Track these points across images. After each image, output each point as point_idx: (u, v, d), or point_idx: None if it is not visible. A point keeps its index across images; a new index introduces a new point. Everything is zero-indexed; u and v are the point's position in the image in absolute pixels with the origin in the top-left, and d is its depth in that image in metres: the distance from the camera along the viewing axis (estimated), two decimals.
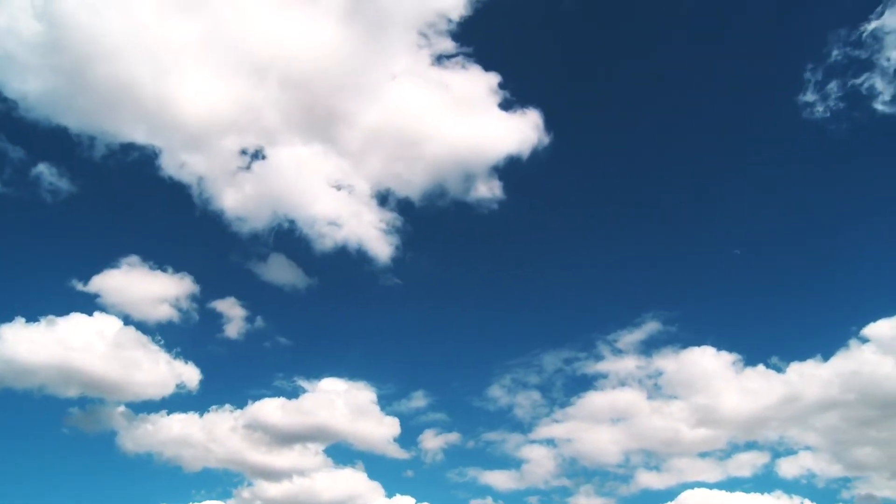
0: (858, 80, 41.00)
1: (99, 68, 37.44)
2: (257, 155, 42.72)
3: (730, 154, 46.50)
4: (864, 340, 40.57)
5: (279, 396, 43.15)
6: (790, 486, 41.54)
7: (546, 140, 43.62)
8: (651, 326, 44.71)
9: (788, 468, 42.45)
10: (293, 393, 43.89)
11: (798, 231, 45.83)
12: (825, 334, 42.90)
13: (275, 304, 44.95)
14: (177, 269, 42.61)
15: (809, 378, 41.22)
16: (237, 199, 43.08)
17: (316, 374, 44.40)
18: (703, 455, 43.49)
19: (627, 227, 48.34)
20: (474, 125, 43.97)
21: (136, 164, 41.59)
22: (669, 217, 47.41)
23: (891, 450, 41.10)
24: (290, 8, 41.17)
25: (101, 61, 37.17)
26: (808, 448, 42.84)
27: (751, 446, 43.07)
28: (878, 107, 40.90)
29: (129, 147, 40.89)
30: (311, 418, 42.43)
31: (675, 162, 47.92)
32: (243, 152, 42.30)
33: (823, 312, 44.41)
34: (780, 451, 42.84)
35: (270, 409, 42.42)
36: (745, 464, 42.80)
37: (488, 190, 44.39)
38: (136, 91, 38.22)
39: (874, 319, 40.06)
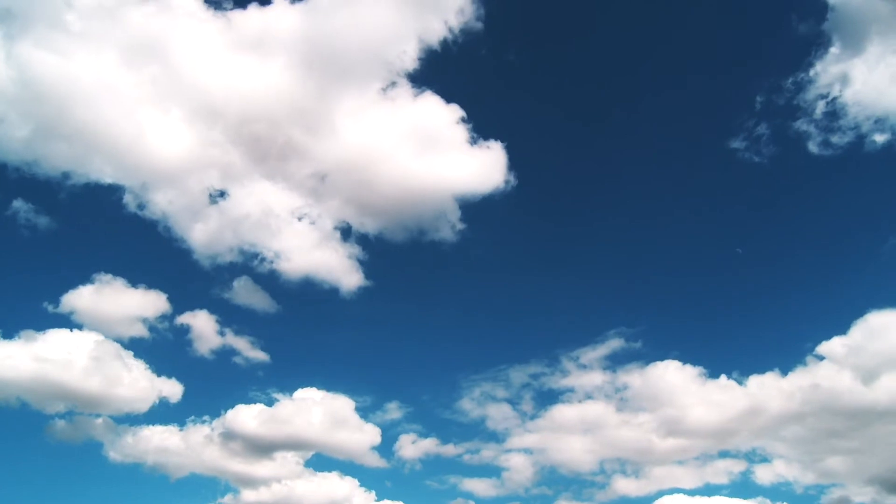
0: (790, 125, 44.10)
1: (67, 112, 38.90)
2: (221, 193, 44.41)
3: (680, 183, 49.65)
4: (821, 357, 42.48)
5: (257, 404, 44.30)
6: (768, 493, 42.95)
7: (506, 170, 45.25)
8: (614, 343, 46.48)
9: (764, 475, 43.77)
10: (270, 403, 45.00)
11: (752, 256, 48.06)
12: (782, 350, 44.87)
13: (246, 324, 45.88)
14: (150, 287, 43.78)
15: (772, 390, 42.69)
16: (204, 233, 44.61)
17: (291, 386, 45.49)
18: (677, 463, 44.91)
19: (587, 251, 50.26)
20: (434, 160, 45.28)
21: (106, 201, 43.36)
22: (629, 240, 49.68)
23: (861, 458, 42.66)
24: (246, 49, 42.24)
25: (69, 106, 38.70)
26: (780, 457, 44.19)
27: (724, 455, 44.42)
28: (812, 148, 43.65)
29: (97, 186, 42.37)
30: (291, 428, 43.54)
31: (631, 188, 50.36)
32: (208, 189, 43.93)
33: (779, 329, 46.42)
34: (755, 459, 44.20)
35: (249, 420, 43.41)
36: (722, 471, 44.14)
37: (448, 223, 45.93)
38: (103, 133, 39.69)
39: (828, 338, 42.15)
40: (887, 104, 42.12)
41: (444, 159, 45.21)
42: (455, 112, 44.93)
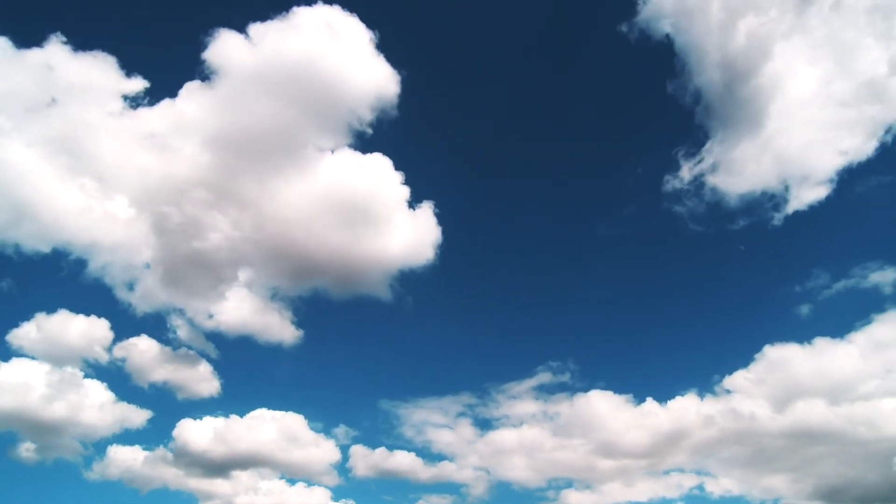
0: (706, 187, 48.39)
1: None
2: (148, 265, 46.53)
3: (595, 240, 54.49)
4: (728, 391, 46.22)
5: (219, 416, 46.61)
6: None
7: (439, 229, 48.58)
8: (543, 377, 50.26)
9: (713, 489, 46.27)
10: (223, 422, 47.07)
11: (661, 300, 53.28)
12: (698, 380, 48.28)
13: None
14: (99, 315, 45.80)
15: (693, 415, 45.97)
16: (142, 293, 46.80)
17: (246, 407, 47.68)
18: (622, 479, 47.73)
19: (513, 298, 55.23)
20: (362, 227, 47.82)
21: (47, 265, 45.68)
22: (552, 285, 54.73)
23: (797, 475, 45.43)
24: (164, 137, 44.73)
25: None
26: (719, 475, 46.86)
27: (668, 472, 47.15)
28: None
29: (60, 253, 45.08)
30: (246, 445, 45.91)
31: (550, 246, 55.41)
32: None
33: (693, 361, 50.42)
34: (703, 474, 46.89)
35: (209, 438, 45.66)
36: (672, 486, 46.76)
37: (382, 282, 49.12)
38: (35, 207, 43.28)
39: (731, 372, 46.13)
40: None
41: (372, 227, 47.84)
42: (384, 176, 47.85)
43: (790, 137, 46.54)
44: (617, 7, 49.51)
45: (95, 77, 43.96)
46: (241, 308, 48.40)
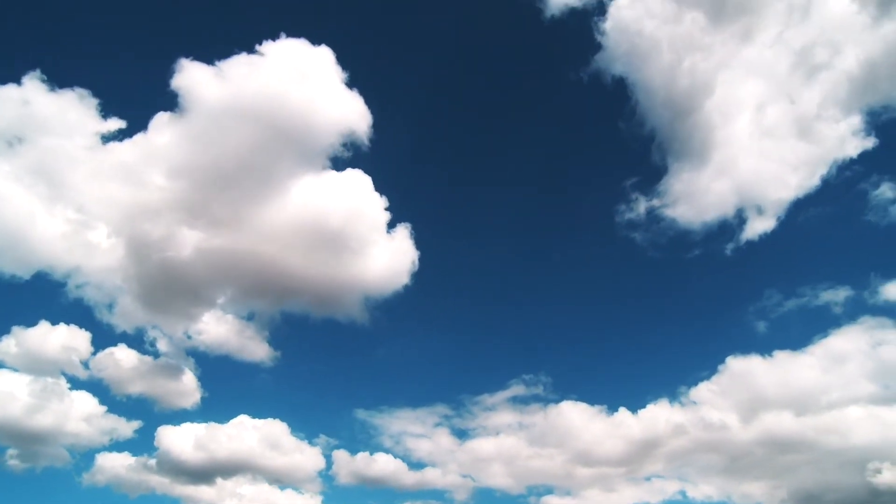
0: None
1: None
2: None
3: (568, 266, 57.36)
4: (694, 402, 47.54)
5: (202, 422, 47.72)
6: None
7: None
8: (517, 389, 51.65)
9: (694, 494, 47.27)
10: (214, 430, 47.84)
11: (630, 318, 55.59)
12: (666, 391, 49.38)
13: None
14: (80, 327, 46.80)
15: (664, 424, 46.84)
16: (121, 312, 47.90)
17: (228, 415, 48.70)
18: (601, 487, 48.63)
19: (485, 316, 57.36)
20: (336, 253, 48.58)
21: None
22: (523, 303, 57.23)
23: (774, 482, 46.19)
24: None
25: None
26: (687, 480, 47.86)
27: (650, 478, 48.14)
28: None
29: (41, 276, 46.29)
30: (234, 453, 46.84)
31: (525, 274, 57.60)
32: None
33: (660, 372, 52.29)
34: (681, 480, 47.93)
35: (192, 445, 46.59)
36: (654, 491, 47.76)
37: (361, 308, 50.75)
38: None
39: (696, 383, 47.89)
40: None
41: (348, 250, 48.63)
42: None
43: (739, 171, 49.59)
44: (576, 50, 52.79)
45: (71, 112, 45.90)
46: (218, 330, 49.85)
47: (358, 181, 48.44)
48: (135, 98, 52.20)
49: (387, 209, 49.14)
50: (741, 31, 47.40)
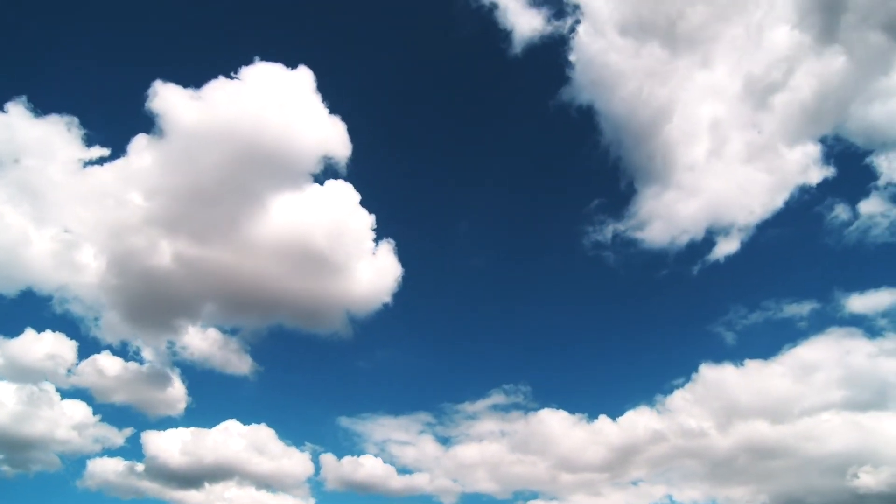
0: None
1: None
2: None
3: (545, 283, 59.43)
4: (670, 410, 48.43)
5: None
6: None
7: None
8: (498, 399, 52.54)
9: (681, 498, 47.82)
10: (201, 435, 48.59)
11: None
12: (644, 398, 50.71)
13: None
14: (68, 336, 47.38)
15: (644, 431, 47.60)
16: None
17: (215, 421, 49.61)
18: (586, 491, 49.25)
19: (464, 330, 58.58)
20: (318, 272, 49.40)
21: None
22: (501, 317, 59.26)
23: (758, 486, 46.65)
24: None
25: None
26: (673, 484, 48.38)
27: (637, 482, 48.77)
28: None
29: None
30: (221, 457, 47.46)
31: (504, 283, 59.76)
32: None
33: (636, 380, 53.66)
34: (668, 484, 48.58)
35: (179, 451, 47.26)
36: (641, 495, 48.31)
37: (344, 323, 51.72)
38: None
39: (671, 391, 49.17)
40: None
41: (330, 267, 49.45)
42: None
43: (703, 195, 52.16)
44: (546, 82, 55.96)
45: (55, 136, 47.54)
46: (201, 344, 50.74)
47: (340, 197, 49.50)
48: (117, 121, 53.78)
49: (373, 229, 50.35)
50: (698, 61, 50.82)
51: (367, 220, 50.07)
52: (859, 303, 47.86)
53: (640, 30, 50.33)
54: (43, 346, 45.40)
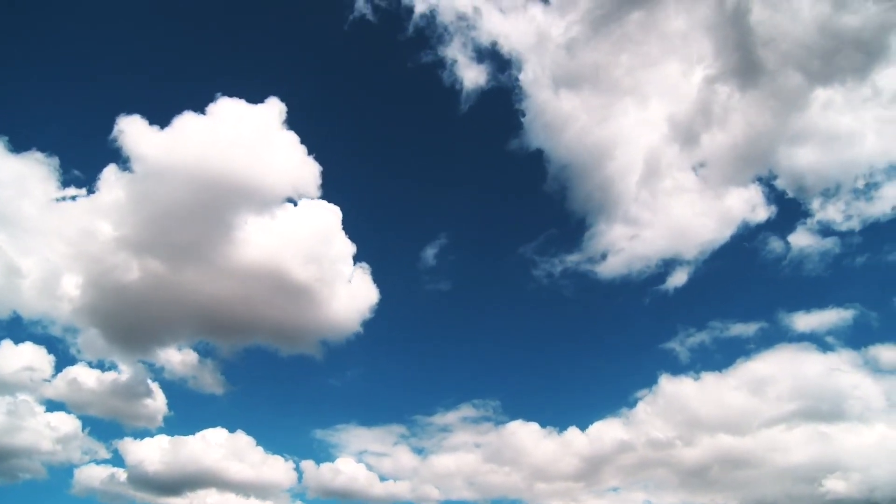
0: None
1: None
2: None
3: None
4: (637, 420, 49.58)
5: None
6: None
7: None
8: (468, 412, 54.37)
9: None
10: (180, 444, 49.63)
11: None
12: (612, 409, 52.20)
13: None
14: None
15: (614, 441, 48.51)
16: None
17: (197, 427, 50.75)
18: (564, 499, 50.11)
19: (435, 348, 61.22)
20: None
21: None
22: (471, 336, 61.74)
23: (733, 493, 47.30)
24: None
25: None
26: (650, 491, 49.42)
27: (617, 489, 49.64)
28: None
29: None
30: (206, 465, 48.63)
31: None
32: None
33: (601, 393, 56.22)
34: (645, 490, 49.67)
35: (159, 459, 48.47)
36: (620, 502, 49.13)
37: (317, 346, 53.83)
38: None
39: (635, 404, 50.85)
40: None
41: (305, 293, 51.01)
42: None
43: (653, 227, 55.70)
44: (503, 127, 61.26)
45: (31, 172, 49.32)
46: (177, 367, 52.14)
47: (311, 223, 51.38)
48: (90, 156, 55.28)
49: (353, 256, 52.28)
50: (634, 102, 54.77)
51: (345, 245, 52.08)
52: (806, 321, 51.04)
53: (575, 78, 56.14)
54: (21, 359, 46.57)
